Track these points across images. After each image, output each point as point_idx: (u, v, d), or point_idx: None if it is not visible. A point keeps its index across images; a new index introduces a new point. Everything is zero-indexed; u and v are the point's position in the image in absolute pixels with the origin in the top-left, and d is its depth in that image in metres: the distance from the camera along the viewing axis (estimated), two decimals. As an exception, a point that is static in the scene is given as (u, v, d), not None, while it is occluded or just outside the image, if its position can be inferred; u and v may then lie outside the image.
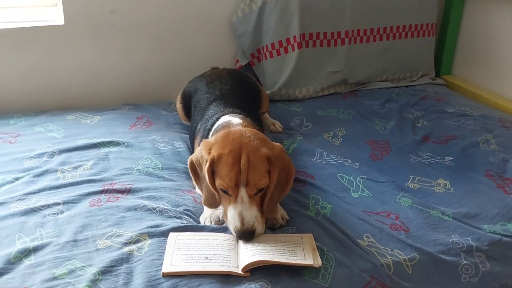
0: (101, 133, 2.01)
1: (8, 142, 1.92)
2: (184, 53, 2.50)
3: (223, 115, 1.69)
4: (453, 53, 2.90)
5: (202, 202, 1.48)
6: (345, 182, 1.72)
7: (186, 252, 1.32)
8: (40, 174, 1.70)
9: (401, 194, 1.65)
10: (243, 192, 1.36)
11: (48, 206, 1.52)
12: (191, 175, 1.51)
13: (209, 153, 1.41)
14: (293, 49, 2.42)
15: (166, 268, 1.27)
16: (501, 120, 2.23)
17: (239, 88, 2.01)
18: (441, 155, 1.93)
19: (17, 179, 1.67)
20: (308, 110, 2.36)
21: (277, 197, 1.44)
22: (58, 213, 1.49)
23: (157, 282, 1.24)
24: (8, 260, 1.28)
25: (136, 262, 1.29)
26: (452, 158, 1.89)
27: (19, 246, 1.33)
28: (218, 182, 1.38)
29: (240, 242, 1.36)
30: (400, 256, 1.39)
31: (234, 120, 1.60)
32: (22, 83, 2.27)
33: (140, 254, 1.32)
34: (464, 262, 1.41)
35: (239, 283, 1.25)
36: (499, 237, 1.49)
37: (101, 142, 1.91)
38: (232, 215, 1.37)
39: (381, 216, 1.55)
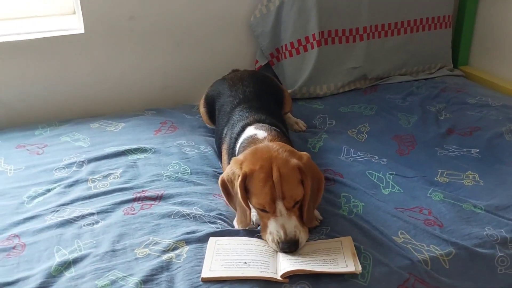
0: (127, 140, 2.03)
1: (35, 153, 1.94)
2: (203, 55, 2.51)
3: (248, 124, 1.69)
4: (469, 43, 2.88)
5: (236, 222, 1.48)
6: (374, 179, 1.73)
7: (225, 257, 1.33)
8: (71, 185, 1.72)
9: (431, 188, 1.65)
10: (280, 206, 1.36)
11: (83, 216, 1.54)
12: (222, 194, 1.51)
13: (241, 168, 1.41)
14: (312, 47, 2.42)
15: (206, 273, 1.28)
16: (525, 109, 2.22)
17: (261, 90, 2.02)
18: (467, 147, 1.92)
19: (48, 190, 1.69)
20: (330, 107, 2.36)
21: (312, 206, 1.44)
22: (93, 224, 1.51)
23: (200, 288, 1.25)
24: (49, 274, 1.30)
25: (176, 269, 1.31)
26: (478, 150, 1.89)
27: (58, 258, 1.35)
28: (254, 201, 1.39)
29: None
30: (436, 252, 1.39)
31: (259, 133, 1.60)
32: (45, 93, 2.30)
33: (179, 261, 1.33)
34: (500, 254, 1.41)
35: (280, 287, 1.26)
36: (533, 228, 1.48)
37: (128, 149, 1.93)
38: (273, 228, 1.36)
39: (414, 212, 1.55)
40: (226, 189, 1.48)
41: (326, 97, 2.49)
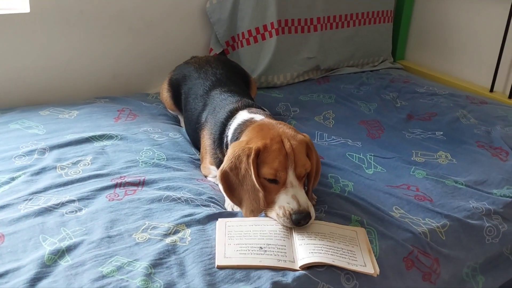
0: (87, 127, 1.88)
1: (-15, 141, 1.73)
2: (156, 42, 2.40)
3: (237, 108, 1.62)
4: (406, 39, 3.05)
5: (245, 214, 1.36)
6: (355, 160, 1.75)
7: (238, 241, 1.26)
8: (38, 172, 1.55)
9: (413, 167, 1.70)
10: (291, 177, 1.33)
11: (63, 204, 1.39)
12: (222, 189, 1.40)
13: (249, 147, 1.34)
14: (270, 36, 2.41)
15: (220, 260, 1.20)
16: (468, 98, 2.38)
17: (231, 73, 1.97)
18: (430, 130, 2.02)
19: (13, 179, 1.51)
20: (289, 96, 2.36)
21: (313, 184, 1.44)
22: (76, 211, 1.37)
23: (214, 270, 1.18)
24: (42, 263, 1.16)
25: (183, 252, 1.23)
26: (442, 133, 1.99)
27: (48, 247, 1.21)
28: (265, 171, 1.33)
29: (295, 233, 1.30)
30: (433, 224, 1.44)
31: (256, 117, 1.54)
32: (-17, 78, 2.06)
33: (185, 244, 1.25)
34: (487, 225, 1.49)
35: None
36: (509, 199, 1.59)
37: (92, 136, 1.78)
38: (283, 201, 1.31)
39: (403, 189, 1.59)
40: (228, 180, 1.37)
41: (283, 87, 2.50)
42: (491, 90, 2.55)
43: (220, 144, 1.60)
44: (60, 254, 1.19)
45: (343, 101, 2.31)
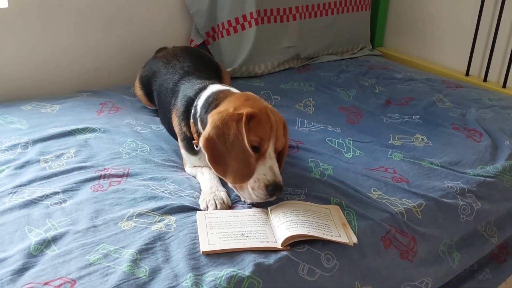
0: (70, 121, 1.89)
1: (-32, 137, 1.73)
2: (136, 34, 2.41)
3: (205, 85, 1.63)
4: (384, 26, 3.10)
5: (233, 182, 1.37)
6: (335, 145, 1.79)
7: (220, 230, 1.29)
8: (21, 166, 1.57)
9: (390, 150, 1.75)
10: (271, 149, 1.38)
11: (47, 196, 1.41)
12: (208, 157, 1.37)
13: (238, 113, 1.36)
14: (250, 26, 2.44)
15: (205, 247, 1.23)
16: (444, 82, 2.44)
17: (200, 63, 1.97)
18: (408, 114, 2.07)
19: (-3, 173, 1.53)
20: (270, 84, 2.40)
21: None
22: (61, 202, 1.39)
23: (198, 254, 1.21)
24: (29, 254, 1.19)
25: (169, 238, 1.26)
26: (419, 117, 2.04)
27: (34, 238, 1.24)
28: (251, 137, 1.35)
29: (272, 216, 1.35)
30: (409, 204, 1.49)
31: (232, 89, 1.58)
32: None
33: (170, 230, 1.28)
34: (462, 203, 1.55)
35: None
36: (483, 178, 1.64)
37: (75, 129, 1.80)
38: (262, 171, 1.35)
39: (380, 172, 1.63)
40: (213, 148, 1.36)
41: (264, 76, 2.53)
42: (467, 74, 2.61)
43: (186, 117, 1.60)
44: (46, 244, 1.22)
45: (323, 89, 2.35)
